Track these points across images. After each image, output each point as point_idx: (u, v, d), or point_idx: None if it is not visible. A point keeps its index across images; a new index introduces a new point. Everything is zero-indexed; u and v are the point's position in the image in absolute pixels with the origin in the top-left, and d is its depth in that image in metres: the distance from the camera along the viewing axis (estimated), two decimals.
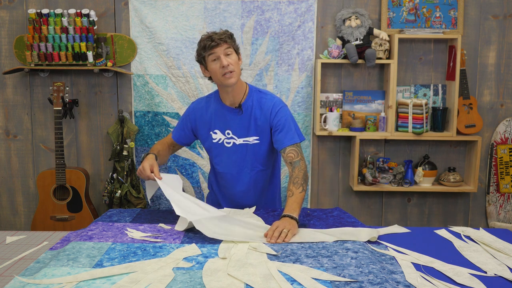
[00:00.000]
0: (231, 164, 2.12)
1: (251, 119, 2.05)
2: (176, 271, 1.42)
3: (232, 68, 1.95)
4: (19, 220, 3.38)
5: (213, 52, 1.95)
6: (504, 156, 3.22)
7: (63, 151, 3.00)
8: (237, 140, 2.08)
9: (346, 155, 3.28)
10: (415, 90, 3.20)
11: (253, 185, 2.14)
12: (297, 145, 2.01)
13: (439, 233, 1.81)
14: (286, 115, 2.04)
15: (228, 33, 1.99)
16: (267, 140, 2.07)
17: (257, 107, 2.06)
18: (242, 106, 2.05)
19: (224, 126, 2.09)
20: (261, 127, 2.05)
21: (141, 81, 3.19)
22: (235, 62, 1.97)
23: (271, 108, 2.04)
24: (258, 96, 2.08)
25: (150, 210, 2.15)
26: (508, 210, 3.26)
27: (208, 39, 1.96)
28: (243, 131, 2.07)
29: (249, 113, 2.06)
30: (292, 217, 1.78)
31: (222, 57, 1.94)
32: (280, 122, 2.02)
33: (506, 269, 1.47)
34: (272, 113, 2.04)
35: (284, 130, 2.01)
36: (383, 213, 3.33)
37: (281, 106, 2.06)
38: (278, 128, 2.02)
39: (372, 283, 1.33)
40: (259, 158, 2.10)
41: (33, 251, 1.66)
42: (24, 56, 3.14)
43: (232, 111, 2.07)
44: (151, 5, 3.12)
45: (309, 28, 3.13)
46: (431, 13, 3.12)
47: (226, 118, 2.08)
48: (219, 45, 1.93)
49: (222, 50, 1.94)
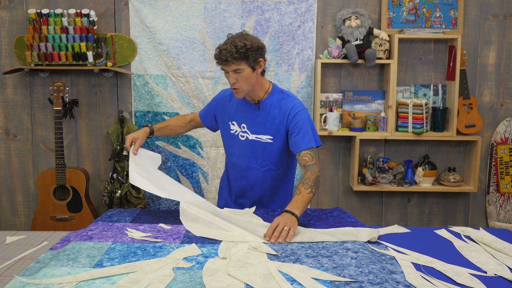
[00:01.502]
0: (242, 157, 2.13)
1: (268, 117, 2.06)
2: (176, 271, 1.42)
3: (237, 86, 1.96)
4: (19, 220, 3.38)
5: (223, 68, 1.98)
6: (504, 156, 3.22)
7: (63, 151, 3.00)
8: (250, 135, 2.09)
9: (346, 155, 3.28)
10: (415, 90, 3.20)
11: (260, 182, 2.14)
12: (313, 150, 1.99)
13: (439, 233, 1.81)
14: (304, 118, 2.02)
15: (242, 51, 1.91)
16: (280, 141, 2.06)
17: (276, 107, 2.06)
18: (261, 104, 2.07)
19: (241, 119, 2.11)
20: (277, 127, 2.05)
21: (141, 81, 3.19)
22: (244, 79, 1.95)
23: (290, 110, 2.03)
24: (279, 97, 2.08)
25: (150, 210, 2.15)
26: (508, 210, 3.26)
27: (217, 55, 1.95)
28: (258, 127, 2.08)
29: (267, 111, 2.06)
30: (293, 213, 1.76)
31: (230, 74, 1.96)
32: (298, 125, 2.00)
33: (506, 269, 1.47)
34: (290, 115, 2.02)
35: (301, 133, 1.99)
36: (383, 213, 3.33)
37: (300, 109, 2.04)
38: (295, 131, 2.00)
39: (372, 283, 1.33)
40: (270, 157, 2.09)
41: (33, 251, 1.66)
42: (24, 56, 3.14)
43: (251, 106, 2.09)
44: (151, 5, 3.12)
45: (309, 28, 3.13)
46: (431, 13, 3.12)
47: (244, 112, 2.10)
48: (228, 63, 1.93)
49: (231, 69, 1.95)
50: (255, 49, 1.95)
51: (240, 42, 1.92)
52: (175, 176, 3.25)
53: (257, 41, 1.99)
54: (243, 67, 1.94)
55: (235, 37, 1.96)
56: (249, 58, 1.93)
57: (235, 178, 2.21)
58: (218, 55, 1.94)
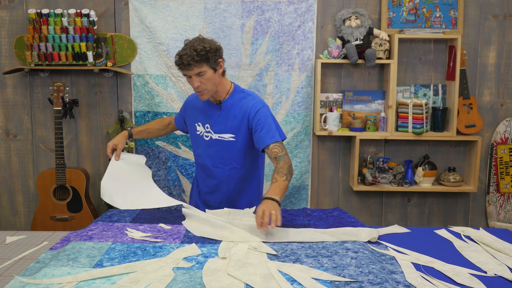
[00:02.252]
0: (207, 157, 2.19)
1: (229, 117, 2.12)
2: (176, 271, 1.42)
3: (202, 88, 2.02)
4: (19, 220, 3.38)
5: (185, 73, 2.03)
6: (504, 156, 3.22)
7: (63, 151, 3.00)
8: (213, 135, 2.15)
9: (346, 155, 3.28)
10: (415, 90, 3.20)
11: (226, 181, 2.18)
12: (280, 143, 2.03)
13: (439, 233, 1.81)
14: (265, 115, 2.07)
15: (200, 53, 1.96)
16: (243, 139, 2.11)
17: (237, 106, 2.11)
18: (222, 104, 2.13)
19: (205, 120, 2.18)
20: (238, 126, 2.10)
21: (141, 81, 3.19)
22: (207, 80, 2.02)
23: (250, 108, 2.08)
24: (239, 96, 2.14)
25: (150, 210, 2.15)
26: (508, 210, 3.26)
27: (178, 60, 2.01)
28: (220, 127, 2.14)
29: (228, 111, 2.12)
30: (273, 199, 1.78)
31: (193, 78, 2.01)
32: (260, 121, 2.05)
33: (506, 269, 1.47)
34: (251, 113, 2.07)
35: (265, 129, 2.04)
36: (383, 213, 3.33)
37: (261, 106, 2.09)
38: (259, 127, 2.05)
39: (372, 283, 1.33)
40: (233, 155, 2.14)
41: (33, 251, 1.66)
42: (24, 56, 3.14)
43: (214, 107, 2.16)
44: (151, 5, 3.12)
45: (309, 28, 3.13)
46: (431, 13, 3.12)
47: (207, 112, 2.18)
48: (189, 68, 1.99)
49: (193, 72, 2.00)
50: (214, 50, 2.01)
51: (199, 45, 1.98)
52: (175, 176, 3.25)
53: (214, 43, 2.06)
54: (205, 69, 2.00)
55: (193, 42, 2.02)
56: (209, 60, 2.00)
57: (203, 178, 2.26)
58: (179, 61, 1.99)
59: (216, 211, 2.02)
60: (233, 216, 1.95)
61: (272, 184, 1.89)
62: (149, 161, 3.25)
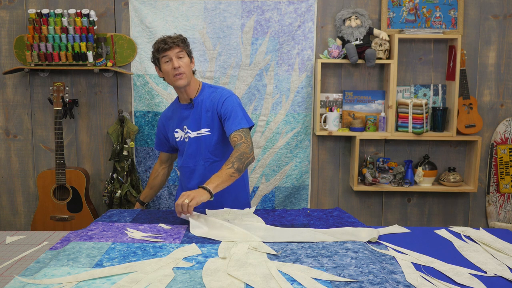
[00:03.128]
0: (188, 158, 2.20)
1: (202, 112, 2.16)
2: (176, 271, 1.42)
3: (182, 70, 2.09)
4: (19, 220, 3.38)
5: (166, 54, 2.08)
6: (504, 156, 3.22)
7: (63, 151, 3.00)
8: (191, 133, 2.18)
9: (346, 155, 3.28)
10: (415, 90, 3.20)
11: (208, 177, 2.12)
12: (243, 130, 2.05)
13: (439, 233, 1.81)
14: (233, 103, 2.12)
15: (182, 37, 2.13)
16: (217, 131, 2.15)
17: (207, 100, 2.17)
18: (194, 101, 2.18)
19: (182, 123, 2.21)
20: (211, 118, 2.14)
21: (141, 81, 3.19)
22: (186, 65, 2.11)
23: (219, 98, 2.14)
24: (209, 91, 2.20)
25: (150, 210, 2.15)
26: (508, 210, 3.26)
27: (162, 42, 2.09)
28: (195, 124, 2.17)
29: (200, 107, 2.17)
30: (204, 187, 1.84)
31: (174, 59, 2.08)
32: (227, 110, 2.10)
33: (506, 269, 1.47)
34: (219, 102, 2.13)
35: (232, 116, 2.08)
36: (383, 213, 3.33)
37: (229, 95, 2.14)
38: (226, 116, 2.10)
39: (372, 283, 1.33)
40: (211, 149, 2.17)
41: (33, 251, 1.66)
42: (24, 56, 3.14)
43: (186, 107, 2.21)
44: (151, 5, 3.12)
45: (309, 28, 3.13)
46: (431, 13, 3.12)
47: (182, 115, 2.22)
48: (171, 48, 2.07)
49: (175, 53, 2.08)
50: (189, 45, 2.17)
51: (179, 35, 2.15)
52: (175, 176, 3.25)
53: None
54: (184, 54, 2.11)
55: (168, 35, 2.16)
56: (188, 47, 2.15)
57: (186, 182, 2.26)
58: (162, 42, 2.08)
59: (216, 211, 2.02)
60: (233, 216, 1.95)
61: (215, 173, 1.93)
62: (149, 161, 3.25)
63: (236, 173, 1.93)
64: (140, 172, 3.25)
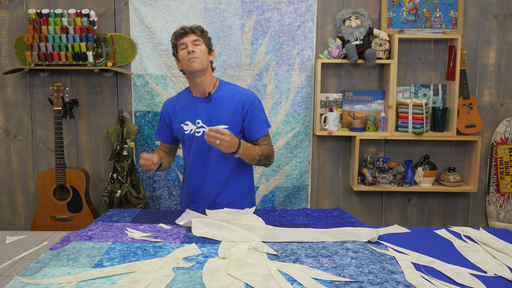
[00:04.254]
0: (200, 152, 2.18)
1: (221, 108, 2.15)
2: (176, 271, 1.42)
3: (196, 55, 2.09)
4: (19, 220, 3.38)
5: (182, 41, 2.12)
6: (504, 156, 3.22)
7: (63, 151, 3.00)
8: (206, 129, 2.15)
9: (346, 155, 3.28)
10: (415, 90, 3.20)
11: (219, 173, 2.18)
12: (267, 135, 2.21)
13: (439, 233, 1.81)
14: (258, 105, 2.19)
15: (201, 27, 2.17)
16: (236, 129, 2.15)
17: (228, 97, 2.16)
18: (212, 96, 2.16)
19: (195, 116, 2.18)
20: (231, 116, 2.14)
21: (141, 81, 3.19)
22: (202, 52, 2.11)
23: (245, 98, 2.16)
24: (228, 88, 2.22)
25: (150, 210, 2.15)
26: (508, 210, 3.26)
27: (180, 29, 2.15)
28: (212, 119, 2.15)
29: (219, 102, 2.15)
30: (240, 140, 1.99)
31: (189, 44, 2.10)
32: (253, 112, 2.16)
33: (506, 269, 1.47)
34: (245, 103, 2.16)
35: (258, 121, 2.17)
36: (383, 213, 3.33)
37: (254, 97, 2.19)
38: (252, 118, 2.15)
39: (372, 283, 1.33)
40: None
41: (33, 251, 1.66)
42: (24, 56, 3.14)
43: (202, 101, 2.18)
44: (151, 5, 3.12)
45: (309, 28, 3.13)
46: (431, 13, 3.12)
47: (196, 108, 2.18)
48: (188, 34, 2.11)
49: (191, 40, 2.11)
50: (209, 37, 2.19)
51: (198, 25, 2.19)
52: (175, 176, 3.25)
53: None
54: (201, 41, 2.13)
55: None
56: (206, 37, 2.16)
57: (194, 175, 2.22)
58: (182, 29, 2.13)
59: (216, 211, 2.02)
60: (233, 216, 1.95)
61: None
62: None
63: (257, 160, 2.10)
64: (140, 172, 3.25)
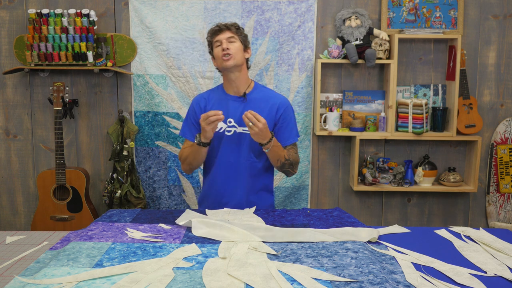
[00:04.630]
0: (230, 152, 2.15)
1: (255, 109, 2.06)
2: (176, 271, 1.42)
3: (231, 52, 2.07)
4: (19, 220, 3.38)
5: (217, 38, 2.10)
6: (504, 156, 3.22)
7: (63, 151, 3.00)
8: (237, 128, 2.13)
9: (346, 155, 3.28)
10: (415, 90, 3.20)
11: (246, 176, 2.16)
12: (295, 144, 2.20)
13: (439, 233, 1.81)
14: (292, 113, 2.19)
15: (237, 24, 2.15)
16: None
17: (263, 100, 2.14)
18: (247, 96, 2.14)
19: (226, 115, 2.12)
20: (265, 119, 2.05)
21: (141, 81, 3.19)
22: (236, 49, 2.09)
23: (280, 103, 2.15)
24: (263, 90, 2.20)
25: (150, 210, 2.15)
26: (508, 210, 3.26)
27: (215, 26, 2.14)
28: None
29: (254, 104, 2.13)
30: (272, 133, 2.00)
31: (224, 41, 2.08)
32: (286, 119, 2.15)
33: (506, 269, 1.47)
34: (279, 109, 2.14)
35: (289, 128, 2.16)
36: (383, 213, 3.33)
37: (289, 103, 2.19)
38: (283, 125, 2.14)
39: (372, 283, 1.32)
40: (254, 149, 2.14)
41: (33, 251, 1.66)
42: (24, 56, 3.14)
43: (236, 100, 2.15)
44: (151, 5, 3.12)
45: (309, 28, 3.13)
46: (431, 13, 3.12)
47: (229, 107, 2.14)
48: (223, 31, 2.10)
49: (226, 37, 2.09)
50: (245, 34, 2.16)
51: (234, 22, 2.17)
52: (175, 176, 3.25)
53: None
54: (236, 38, 2.11)
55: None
56: (241, 34, 2.14)
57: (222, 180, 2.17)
58: (216, 26, 2.12)
59: (216, 211, 2.02)
60: (233, 216, 1.95)
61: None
62: (149, 161, 3.25)
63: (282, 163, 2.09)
64: (140, 172, 3.25)
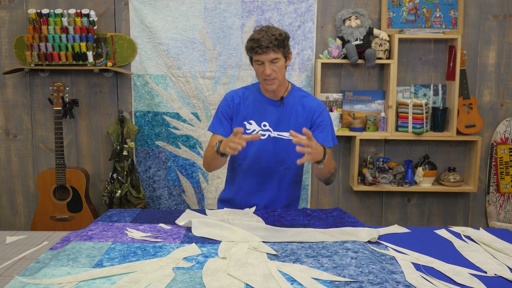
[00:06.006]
0: (262, 157, 2.07)
1: (291, 114, 2.05)
2: (176, 271, 1.42)
3: (274, 76, 1.96)
4: (19, 220, 3.38)
5: (259, 58, 1.94)
6: (504, 156, 3.22)
7: (63, 151, 3.00)
8: (272, 132, 2.06)
9: (346, 155, 3.28)
10: (415, 90, 3.20)
11: (278, 181, 2.10)
12: (331, 148, 2.06)
13: (439, 233, 1.81)
14: (329, 117, 2.10)
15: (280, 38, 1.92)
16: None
17: (299, 104, 2.07)
18: (284, 99, 2.06)
19: (261, 117, 2.06)
20: (300, 125, 2.03)
21: (141, 81, 3.19)
22: (280, 69, 1.96)
23: (315, 107, 2.07)
24: (300, 94, 2.11)
25: (150, 210, 2.15)
26: (508, 210, 3.26)
27: (255, 42, 1.91)
28: (280, 124, 2.06)
29: (290, 108, 2.06)
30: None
31: (266, 64, 1.93)
32: (323, 123, 2.06)
33: (506, 269, 1.47)
34: (316, 112, 2.06)
35: (326, 131, 2.06)
36: (383, 213, 3.33)
37: (324, 107, 2.11)
38: (319, 128, 2.05)
39: (372, 283, 1.32)
40: (290, 154, 2.05)
41: (33, 251, 1.66)
42: (24, 56, 3.14)
43: (273, 103, 2.07)
44: (151, 5, 3.12)
45: (309, 28, 3.13)
46: (431, 13, 3.12)
47: (265, 110, 2.07)
48: (265, 53, 1.91)
49: (269, 59, 1.93)
50: (288, 38, 1.98)
51: (276, 31, 1.93)
52: (175, 176, 3.25)
53: (285, 31, 1.99)
54: (279, 57, 1.94)
55: (267, 28, 1.95)
56: (285, 47, 1.95)
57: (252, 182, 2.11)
58: (257, 43, 1.90)
59: (216, 211, 2.02)
60: (233, 216, 1.95)
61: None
62: (149, 161, 3.25)
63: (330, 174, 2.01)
64: (140, 172, 3.25)
